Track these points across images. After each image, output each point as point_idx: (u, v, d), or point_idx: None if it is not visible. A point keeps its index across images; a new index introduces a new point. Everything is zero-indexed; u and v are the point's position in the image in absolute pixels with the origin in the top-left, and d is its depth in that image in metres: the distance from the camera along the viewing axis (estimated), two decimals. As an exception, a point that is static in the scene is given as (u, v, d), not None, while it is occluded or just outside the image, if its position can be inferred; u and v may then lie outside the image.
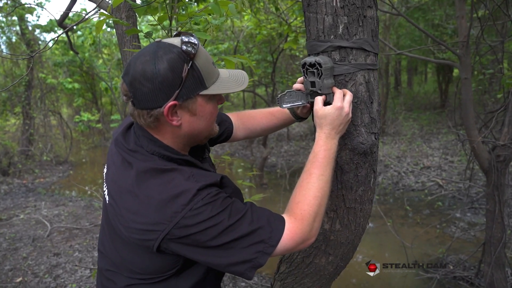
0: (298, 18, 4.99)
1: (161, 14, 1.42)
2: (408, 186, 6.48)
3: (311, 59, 1.11)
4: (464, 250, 4.07)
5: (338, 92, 1.11)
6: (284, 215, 1.01)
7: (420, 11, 9.26)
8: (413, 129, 9.91)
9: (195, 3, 3.42)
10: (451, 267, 3.68)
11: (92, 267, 3.93)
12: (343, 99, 1.10)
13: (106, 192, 1.05)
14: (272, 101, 6.54)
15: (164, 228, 0.90)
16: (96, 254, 4.30)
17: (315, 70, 1.11)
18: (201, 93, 0.95)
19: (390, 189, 6.48)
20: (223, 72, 1.04)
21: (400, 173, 6.99)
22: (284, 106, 1.22)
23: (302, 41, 6.25)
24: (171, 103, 0.92)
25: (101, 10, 2.02)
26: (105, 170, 1.11)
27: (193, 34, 0.96)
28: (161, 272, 1.02)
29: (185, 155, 1.03)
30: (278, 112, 1.46)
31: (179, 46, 0.92)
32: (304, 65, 1.14)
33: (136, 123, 1.02)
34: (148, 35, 1.51)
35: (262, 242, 0.94)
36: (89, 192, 7.20)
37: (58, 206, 6.12)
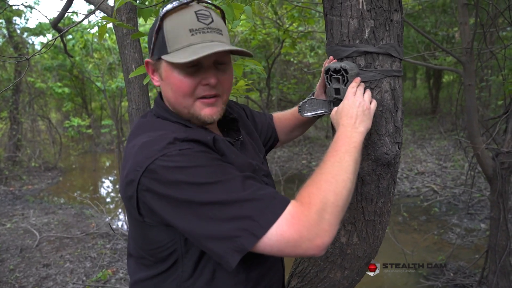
0: (294, 24, 4.96)
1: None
2: (403, 192, 6.47)
3: (335, 65, 1.05)
4: (463, 257, 4.05)
5: (349, 87, 1.04)
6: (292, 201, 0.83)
7: (411, 18, 9.33)
8: (405, 134, 9.96)
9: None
10: (452, 274, 3.64)
11: (84, 279, 3.79)
12: (354, 92, 1.02)
13: None
14: (266, 107, 6.49)
15: (137, 176, 0.82)
16: (88, 264, 4.17)
17: (340, 77, 1.05)
18: (162, 57, 0.91)
19: (385, 195, 6.46)
20: (200, 44, 0.89)
21: (394, 179, 6.99)
22: (305, 114, 1.16)
23: (298, 46, 6.22)
24: (146, 59, 0.98)
25: (103, 14, 1.94)
26: None
27: (210, 2, 0.94)
28: (157, 258, 0.92)
29: (188, 120, 0.97)
30: (296, 112, 1.34)
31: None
32: (327, 71, 1.07)
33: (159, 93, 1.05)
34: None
35: (249, 218, 0.76)
36: (78, 199, 7.02)
37: (48, 214, 5.94)
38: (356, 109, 0.99)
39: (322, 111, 1.15)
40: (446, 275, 3.64)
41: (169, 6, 0.89)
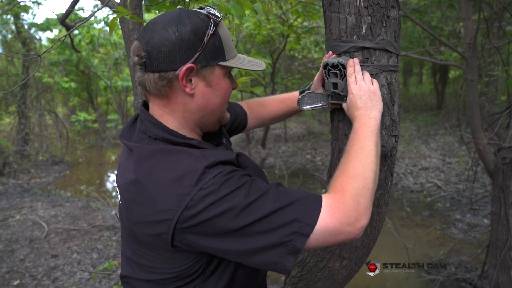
0: (299, 19, 4.97)
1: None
2: (407, 187, 6.49)
3: (333, 60, 1.08)
4: (465, 252, 4.07)
5: (348, 75, 1.07)
6: (322, 195, 0.87)
7: (417, 13, 9.28)
8: (410, 130, 9.94)
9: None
10: (453, 269, 3.68)
11: (91, 269, 3.88)
12: (355, 81, 1.05)
13: (119, 192, 0.96)
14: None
15: (173, 216, 0.78)
16: (95, 255, 4.25)
17: (337, 71, 1.09)
18: (221, 63, 0.89)
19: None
20: (241, 55, 1.00)
21: (398, 174, 7.00)
22: (304, 107, 1.20)
23: (303, 41, 6.23)
24: (188, 65, 0.86)
25: (108, 10, 1.99)
26: (116, 174, 1.04)
27: (215, 8, 0.93)
28: (183, 276, 0.91)
29: (192, 139, 0.92)
30: (288, 100, 1.42)
31: (204, 13, 0.90)
32: (326, 65, 1.11)
33: (140, 109, 0.96)
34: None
35: (295, 221, 0.79)
36: (84, 192, 7.12)
37: (55, 206, 6.04)
38: (361, 98, 1.03)
39: (320, 104, 1.19)
40: (447, 270, 3.67)
41: (216, 12, 0.89)
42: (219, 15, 0.89)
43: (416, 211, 5.49)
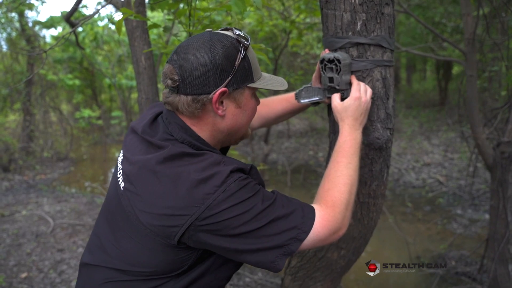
0: (301, 16, 4.99)
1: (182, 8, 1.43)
2: (409, 183, 6.51)
3: (330, 55, 1.13)
4: (465, 246, 4.11)
5: (355, 84, 1.13)
6: (314, 204, 0.98)
7: (420, 8, 9.26)
8: (413, 126, 9.95)
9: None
10: (453, 263, 3.72)
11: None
12: (360, 90, 1.12)
13: (121, 178, 0.98)
14: (273, 98, 6.58)
15: (194, 212, 0.83)
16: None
17: (333, 66, 1.13)
18: (249, 85, 0.96)
19: (391, 186, 6.51)
20: (264, 74, 1.06)
21: (400, 170, 7.03)
22: (302, 101, 1.24)
23: (305, 38, 6.25)
24: (222, 89, 0.90)
25: (111, 8, 2.03)
26: (120, 158, 1.05)
27: (241, 30, 0.98)
28: (161, 273, 0.94)
29: (215, 149, 0.99)
30: (292, 98, 1.45)
31: (233, 36, 0.94)
32: (322, 60, 1.15)
33: (167, 111, 0.99)
34: (166, 29, 1.52)
35: (296, 228, 0.90)
36: (89, 188, 7.20)
37: (60, 202, 6.12)
38: (360, 110, 1.11)
39: (317, 98, 1.23)
40: (448, 264, 3.71)
41: (244, 36, 0.94)
42: (248, 38, 0.94)
43: (417, 207, 5.52)
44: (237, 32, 0.94)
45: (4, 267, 3.89)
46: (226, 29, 0.98)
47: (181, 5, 1.82)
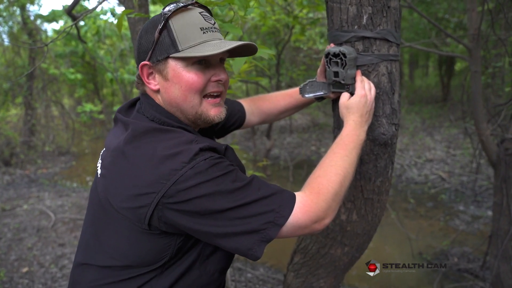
0: (304, 10, 4.95)
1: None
2: (411, 179, 6.49)
3: (335, 49, 1.11)
4: (468, 243, 4.10)
5: (360, 81, 1.11)
6: (298, 192, 0.93)
7: (423, 4, 9.19)
8: (415, 122, 9.91)
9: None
10: (456, 260, 3.71)
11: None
12: (365, 87, 1.10)
13: (99, 166, 0.96)
14: (275, 93, 6.56)
15: (160, 189, 0.79)
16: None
17: (338, 60, 1.11)
18: (172, 55, 0.90)
19: (393, 182, 6.50)
20: (215, 41, 0.92)
21: (403, 166, 7.01)
22: (306, 95, 1.22)
23: (308, 33, 6.21)
24: (142, 62, 0.93)
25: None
26: (101, 152, 1.02)
27: (198, 2, 0.95)
28: (142, 265, 0.90)
29: (187, 125, 0.95)
30: (295, 93, 1.43)
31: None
32: (327, 55, 1.13)
33: (142, 93, 1.01)
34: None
35: (273, 211, 0.84)
36: (90, 184, 7.20)
37: (62, 196, 6.12)
38: (366, 107, 1.09)
39: (321, 93, 1.21)
40: (450, 260, 3.70)
41: (171, 7, 0.90)
42: (173, 7, 0.89)
43: (420, 203, 5.51)
44: (169, 6, 0.91)
45: (5, 262, 3.90)
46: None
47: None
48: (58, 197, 6.08)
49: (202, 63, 0.92)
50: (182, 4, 0.90)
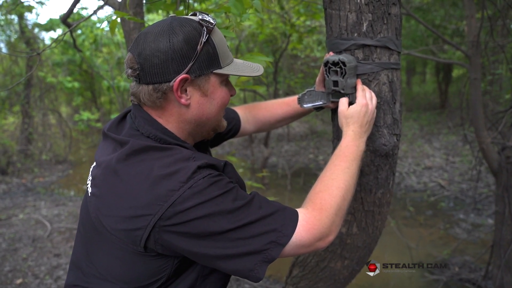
0: (301, 18, 4.96)
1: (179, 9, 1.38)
2: (410, 187, 6.45)
3: (334, 58, 1.07)
4: (468, 252, 4.05)
5: (361, 90, 1.08)
6: (300, 208, 0.90)
7: (420, 11, 9.23)
8: (413, 129, 9.90)
9: (197, 3, 3.36)
10: (457, 269, 3.65)
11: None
12: (366, 97, 1.07)
13: (89, 184, 0.92)
14: (273, 101, 6.54)
15: (157, 211, 0.75)
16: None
17: (338, 69, 1.08)
18: (216, 71, 0.87)
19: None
20: (237, 60, 0.97)
21: (401, 174, 6.97)
22: (304, 106, 1.19)
23: (305, 41, 6.21)
24: (182, 76, 0.83)
25: (112, 9, 1.98)
26: (92, 166, 0.98)
27: (209, 14, 0.90)
28: (142, 282, 0.86)
29: (185, 142, 0.91)
30: (292, 102, 1.39)
31: (196, 20, 0.86)
32: (326, 63, 1.10)
33: (133, 105, 0.92)
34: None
35: (274, 231, 0.81)
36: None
37: (58, 205, 6.06)
38: (367, 117, 1.06)
39: (321, 103, 1.18)
40: (450, 270, 3.65)
41: (209, 18, 0.86)
42: (212, 21, 0.86)
43: (419, 211, 5.46)
44: (203, 16, 0.87)
45: None
46: (194, 14, 0.91)
47: (181, 8, 1.78)
48: (55, 206, 6.01)
49: (227, 80, 0.94)
50: (213, 20, 0.87)
